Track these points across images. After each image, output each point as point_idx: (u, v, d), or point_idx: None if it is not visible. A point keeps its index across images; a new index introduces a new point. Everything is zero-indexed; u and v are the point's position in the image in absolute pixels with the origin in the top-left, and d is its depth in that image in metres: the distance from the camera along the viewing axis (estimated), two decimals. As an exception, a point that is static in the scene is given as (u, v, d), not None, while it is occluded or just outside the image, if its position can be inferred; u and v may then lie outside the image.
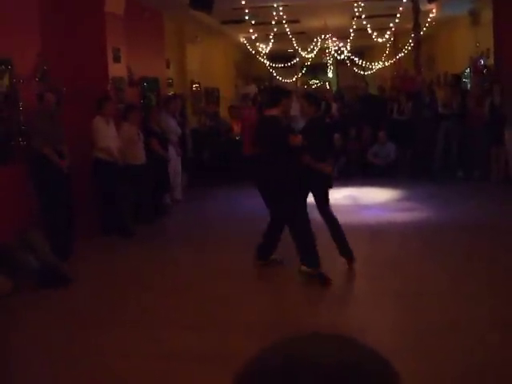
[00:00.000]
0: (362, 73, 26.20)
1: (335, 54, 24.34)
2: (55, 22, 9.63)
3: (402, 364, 4.54)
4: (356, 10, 16.37)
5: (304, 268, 6.79)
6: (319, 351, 0.99)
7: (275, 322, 5.70)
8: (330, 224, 7.31)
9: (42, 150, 8.26)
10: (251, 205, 12.01)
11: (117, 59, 10.44)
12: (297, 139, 6.87)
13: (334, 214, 7.31)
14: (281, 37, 19.33)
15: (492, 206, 10.79)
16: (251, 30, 17.09)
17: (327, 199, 7.33)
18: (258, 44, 20.66)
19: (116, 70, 10.41)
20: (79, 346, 5.28)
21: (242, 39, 21.32)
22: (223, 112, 17.65)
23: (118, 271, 7.73)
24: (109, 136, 9.50)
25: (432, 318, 5.53)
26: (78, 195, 8.96)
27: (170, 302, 6.44)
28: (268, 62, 24.18)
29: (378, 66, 25.39)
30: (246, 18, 15.36)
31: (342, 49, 23.73)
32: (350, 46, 23.01)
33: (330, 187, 7.33)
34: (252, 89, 21.63)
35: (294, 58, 25.50)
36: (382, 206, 11.07)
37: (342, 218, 8.92)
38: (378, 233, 9.10)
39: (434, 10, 16.69)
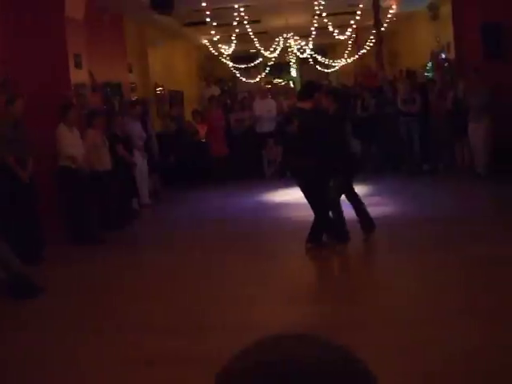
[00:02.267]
0: (325, 70, 26.30)
1: (298, 53, 24.40)
2: (15, 29, 9.51)
3: (376, 360, 4.52)
4: (317, 8, 16.43)
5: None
6: (297, 351, 0.99)
7: (255, 322, 5.67)
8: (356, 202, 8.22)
9: (5, 160, 8.13)
10: (219, 206, 12.02)
11: (78, 65, 10.34)
12: None
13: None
14: (243, 37, 19.35)
15: (458, 197, 10.91)
16: (213, 32, 17.07)
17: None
18: (220, 45, 20.62)
19: (78, 75, 10.30)
20: (55, 355, 5.20)
21: (205, 41, 21.27)
22: (188, 114, 17.59)
23: (89, 278, 7.64)
24: (73, 143, 9.39)
25: (402, 312, 5.55)
26: (45, 204, 8.84)
27: (145, 306, 6.37)
28: (231, 63, 24.16)
29: (340, 63, 25.52)
30: (208, 19, 15.34)
31: (304, 47, 23.79)
32: (313, 45, 23.07)
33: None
34: (215, 90, 21.59)
35: (257, 58, 25.51)
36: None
37: (308, 215, 8.96)
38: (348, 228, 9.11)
39: (393, 6, 16.84)
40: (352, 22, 18.13)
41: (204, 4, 14.11)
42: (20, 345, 5.54)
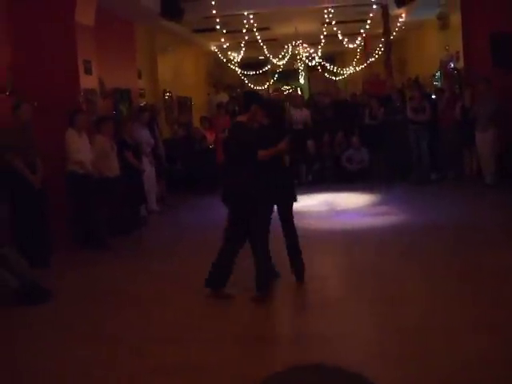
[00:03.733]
0: (333, 78, 26.31)
1: (306, 61, 24.42)
2: (25, 35, 9.56)
3: (384, 370, 4.50)
4: (326, 16, 16.48)
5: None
6: (315, 380, 0.99)
7: (258, 333, 5.67)
8: (290, 238, 7.06)
9: (14, 164, 8.19)
10: (226, 212, 12.00)
11: (88, 71, 10.37)
12: (267, 152, 6.72)
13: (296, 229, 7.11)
14: (252, 44, 19.40)
15: (467, 206, 10.88)
16: (222, 39, 17.12)
17: (291, 212, 7.08)
18: (229, 52, 20.68)
19: (87, 81, 10.34)
20: (60, 362, 5.20)
21: (214, 48, 21.34)
22: (196, 121, 17.62)
23: (96, 284, 7.65)
24: (81, 149, 9.42)
25: (413, 323, 5.53)
26: (53, 208, 8.87)
27: (151, 314, 6.37)
28: (240, 70, 24.21)
29: (349, 71, 25.54)
30: (217, 26, 15.39)
31: (313, 55, 23.82)
32: (321, 52, 23.10)
33: (295, 200, 7.12)
34: (224, 97, 21.63)
35: (266, 65, 25.56)
36: (358, 211, 11.10)
37: (317, 224, 8.97)
38: (354, 238, 9.10)
39: (403, 15, 16.86)
40: (361, 30, 18.16)
41: (214, 11, 14.17)
42: (26, 351, 5.54)
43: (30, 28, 9.66)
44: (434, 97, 14.81)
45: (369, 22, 16.96)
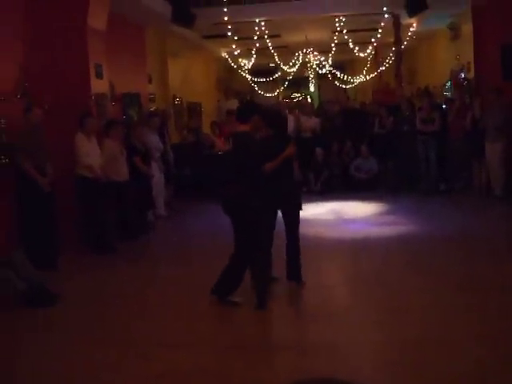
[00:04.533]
0: (343, 86, 26.34)
1: (317, 68, 24.46)
2: (37, 38, 9.60)
3: (388, 379, 4.49)
4: (337, 24, 16.51)
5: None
6: None
7: (264, 341, 5.67)
8: (293, 248, 7.10)
9: (23, 167, 8.22)
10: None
11: (99, 75, 10.40)
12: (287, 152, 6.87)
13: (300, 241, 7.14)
14: (263, 51, 19.44)
15: (475, 217, 10.83)
16: (233, 46, 17.15)
17: (296, 220, 7.10)
18: (240, 59, 20.71)
19: (98, 85, 10.36)
20: (67, 364, 5.21)
21: (224, 54, 21.38)
22: (206, 127, 17.64)
23: (103, 288, 7.66)
24: (91, 153, 9.45)
25: (417, 333, 5.52)
26: (62, 211, 8.89)
27: (158, 319, 6.38)
28: (250, 77, 24.26)
29: (359, 79, 25.55)
30: (229, 33, 15.41)
31: (323, 63, 23.86)
32: (332, 60, 23.14)
33: (300, 209, 7.12)
34: (234, 103, 21.65)
35: (276, 72, 25.60)
36: (366, 220, 11.08)
37: (325, 232, 8.96)
38: (361, 247, 9.09)
39: (414, 25, 16.86)
40: (372, 39, 18.18)
41: (226, 18, 14.20)
42: (33, 353, 5.55)
43: (42, 31, 9.68)
44: (444, 106, 14.78)
45: (380, 30, 16.97)
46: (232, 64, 21.81)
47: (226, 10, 14.00)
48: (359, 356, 5.20)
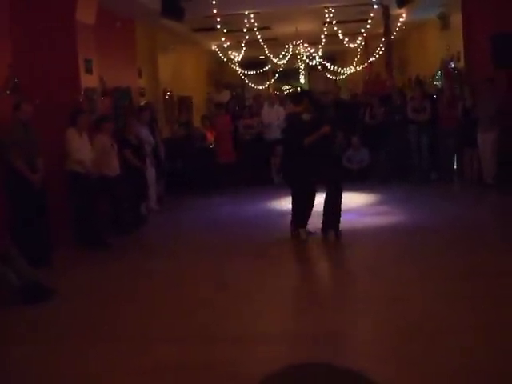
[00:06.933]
0: (333, 78, 26.32)
1: (307, 60, 24.43)
2: (26, 33, 9.55)
3: (385, 369, 4.49)
4: (327, 15, 16.49)
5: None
6: (317, 379, 1.00)
7: (259, 331, 5.67)
8: (335, 199, 8.85)
9: (14, 164, 8.18)
10: (227, 213, 12.04)
11: (89, 70, 10.36)
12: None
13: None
14: (252, 44, 19.39)
15: (466, 207, 10.88)
16: (223, 38, 17.11)
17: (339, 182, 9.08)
18: (229, 51, 20.67)
19: (88, 80, 10.33)
20: (63, 361, 5.21)
21: (214, 47, 21.35)
22: (196, 120, 17.60)
23: (97, 283, 7.66)
24: (82, 148, 9.42)
25: (411, 322, 5.53)
26: (54, 207, 8.87)
27: (151, 313, 6.38)
28: (240, 69, 24.21)
29: (349, 70, 25.54)
30: (218, 26, 15.38)
31: (313, 54, 23.83)
32: (322, 52, 23.11)
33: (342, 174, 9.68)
34: (225, 95, 21.62)
35: (266, 64, 25.56)
36: (358, 211, 11.10)
37: (316, 223, 8.97)
38: (354, 237, 9.11)
39: (404, 15, 16.84)
40: (362, 29, 18.17)
41: (215, 10, 14.17)
42: (29, 349, 5.55)
43: (30, 26, 9.64)
44: (434, 96, 14.81)
45: (369, 21, 16.97)
46: (222, 57, 21.77)
47: (214, 2, 13.96)
48: (354, 346, 5.22)
